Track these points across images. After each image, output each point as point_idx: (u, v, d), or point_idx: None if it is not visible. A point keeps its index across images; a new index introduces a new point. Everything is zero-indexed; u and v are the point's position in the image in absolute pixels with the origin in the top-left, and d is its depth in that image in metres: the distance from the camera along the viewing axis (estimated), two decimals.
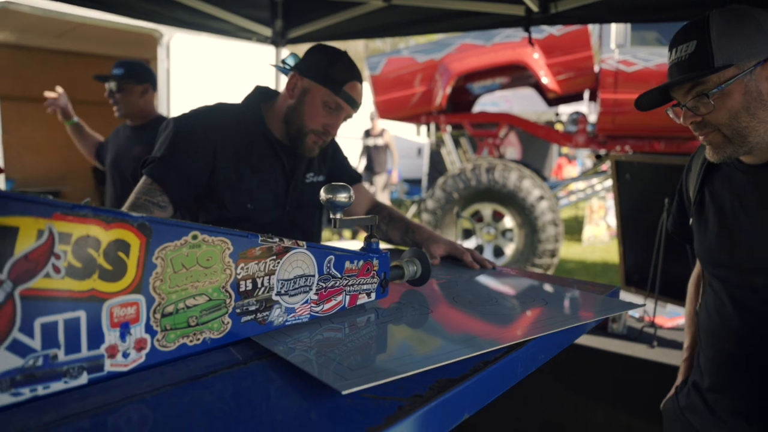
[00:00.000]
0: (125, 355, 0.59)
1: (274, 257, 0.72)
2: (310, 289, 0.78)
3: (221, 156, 1.37)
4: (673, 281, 2.12)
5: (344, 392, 0.56)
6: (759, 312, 1.06)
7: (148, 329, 0.61)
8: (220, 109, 1.44)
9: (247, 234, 0.69)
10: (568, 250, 7.01)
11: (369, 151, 8.07)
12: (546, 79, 5.29)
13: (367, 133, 8.08)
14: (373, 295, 0.90)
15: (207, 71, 5.46)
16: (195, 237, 0.63)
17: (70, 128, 2.65)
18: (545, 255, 5.04)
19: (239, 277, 0.69)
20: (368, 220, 0.90)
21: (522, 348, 0.77)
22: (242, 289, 0.69)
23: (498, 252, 5.44)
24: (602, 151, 5.53)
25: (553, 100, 6.05)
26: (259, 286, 0.71)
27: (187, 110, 1.41)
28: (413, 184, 11.40)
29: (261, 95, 1.52)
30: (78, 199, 0.57)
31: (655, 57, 4.65)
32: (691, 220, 1.23)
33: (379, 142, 8.01)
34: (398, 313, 0.89)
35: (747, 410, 1.09)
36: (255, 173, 1.41)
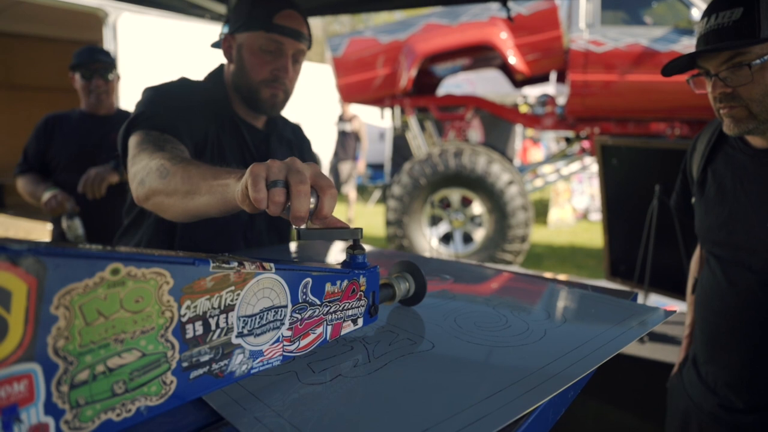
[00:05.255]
0: None
1: (232, 288, 0.54)
2: (282, 324, 0.60)
3: (205, 138, 1.20)
4: (659, 272, 2.02)
5: None
6: (752, 291, 1.08)
7: (50, 409, 0.42)
8: (189, 84, 1.26)
9: (194, 260, 0.50)
10: (535, 234, 6.96)
11: (338, 137, 7.84)
12: (514, 60, 5.15)
13: (340, 118, 7.83)
14: (360, 321, 0.72)
15: (157, 54, 5.12)
16: (116, 271, 0.44)
17: None
18: (515, 241, 4.94)
19: (184, 319, 0.50)
20: (349, 233, 0.70)
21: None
22: (189, 335, 0.51)
23: (467, 238, 5.32)
24: (571, 134, 5.45)
25: (519, 82, 5.93)
26: (213, 328, 0.53)
27: (137, 96, 1.21)
28: (376, 168, 11.21)
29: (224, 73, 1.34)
30: None
31: (625, 37, 4.54)
32: (693, 199, 1.25)
33: (347, 128, 7.76)
34: (392, 349, 0.71)
35: (736, 383, 1.13)
36: (226, 163, 1.24)
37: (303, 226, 0.67)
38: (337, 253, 1.36)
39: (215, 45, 1.35)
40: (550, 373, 0.63)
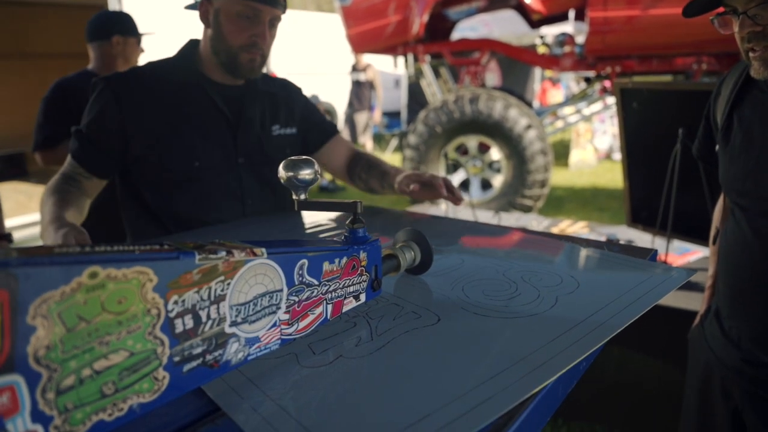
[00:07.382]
0: None
1: (222, 278, 0.52)
2: (278, 308, 0.59)
3: (148, 117, 1.26)
4: (682, 217, 1.97)
5: None
6: None
7: (38, 417, 0.41)
8: (149, 67, 1.34)
9: (178, 254, 0.48)
10: (556, 177, 6.85)
11: (352, 87, 7.73)
12: None
13: (354, 68, 7.71)
14: (362, 297, 0.71)
15: (165, 18, 5.02)
16: (94, 275, 0.42)
17: None
18: (535, 186, 4.87)
19: (172, 315, 0.49)
20: (347, 206, 0.68)
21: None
22: (179, 329, 0.49)
23: (486, 185, 5.26)
24: (591, 74, 5.26)
25: (536, 22, 5.70)
26: (204, 320, 0.52)
27: (143, 64, 1.32)
28: (392, 116, 11.06)
29: (196, 44, 1.39)
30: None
31: None
32: (717, 147, 1.18)
33: (362, 77, 7.63)
34: (396, 324, 0.69)
35: (760, 337, 1.09)
36: (196, 127, 1.29)
37: (303, 197, 0.67)
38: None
39: (190, 7, 1.36)
40: (560, 347, 0.61)
